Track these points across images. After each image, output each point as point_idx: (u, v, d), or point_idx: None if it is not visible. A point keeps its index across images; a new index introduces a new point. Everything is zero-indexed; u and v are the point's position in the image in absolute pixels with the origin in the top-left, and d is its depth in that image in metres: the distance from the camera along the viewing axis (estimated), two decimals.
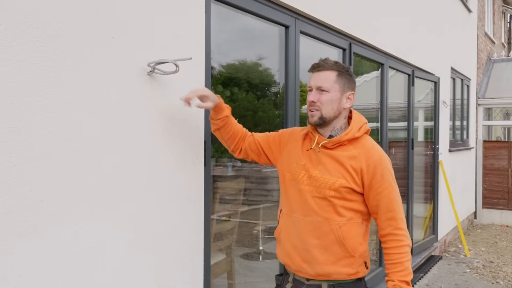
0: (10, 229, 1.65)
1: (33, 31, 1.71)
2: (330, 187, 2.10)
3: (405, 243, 2.09)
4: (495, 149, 10.22)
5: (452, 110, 8.34)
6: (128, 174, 2.10)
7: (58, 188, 1.80)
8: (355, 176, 2.10)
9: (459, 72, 8.73)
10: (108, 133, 2.00)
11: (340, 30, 4.07)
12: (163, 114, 2.28)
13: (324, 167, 2.14)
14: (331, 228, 2.10)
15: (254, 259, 4.27)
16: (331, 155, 2.15)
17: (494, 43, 13.24)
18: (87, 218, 1.92)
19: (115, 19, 2.03)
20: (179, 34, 2.36)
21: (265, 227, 4.18)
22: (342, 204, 2.10)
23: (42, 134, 1.74)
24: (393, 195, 2.11)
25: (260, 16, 3.10)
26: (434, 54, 6.95)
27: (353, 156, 2.12)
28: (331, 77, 2.12)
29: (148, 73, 2.18)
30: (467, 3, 9.18)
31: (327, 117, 2.14)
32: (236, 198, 3.93)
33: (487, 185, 10.23)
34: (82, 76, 1.89)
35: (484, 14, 11.75)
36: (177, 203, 2.37)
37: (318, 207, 2.12)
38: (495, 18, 13.65)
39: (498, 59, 12.61)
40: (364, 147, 2.16)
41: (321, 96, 2.12)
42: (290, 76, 3.41)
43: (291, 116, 3.43)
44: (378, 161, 2.11)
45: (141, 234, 2.17)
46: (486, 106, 11.29)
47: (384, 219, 2.11)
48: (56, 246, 1.80)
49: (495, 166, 10.17)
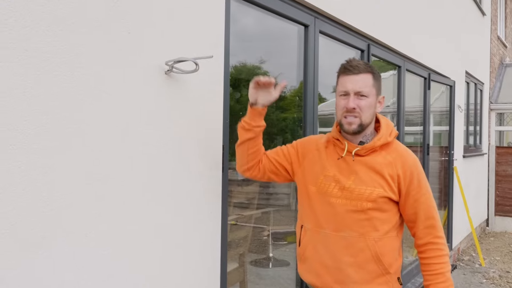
0: (16, 242, 1.50)
1: (46, 24, 1.56)
2: (367, 199, 1.93)
3: (445, 252, 1.97)
4: (508, 155, 10.02)
5: (466, 115, 8.17)
6: (144, 181, 1.95)
7: (70, 195, 1.66)
8: (392, 184, 1.96)
9: (473, 76, 8.56)
10: (123, 136, 1.86)
11: (359, 31, 3.92)
12: (181, 117, 2.13)
13: (357, 177, 1.97)
14: (367, 244, 1.94)
15: (264, 266, 4.12)
16: (365, 162, 1.99)
17: (506, 47, 13.05)
18: (99, 228, 1.77)
19: (132, 13, 1.88)
20: (198, 31, 2.22)
21: (268, 232, 4.03)
22: (379, 216, 1.95)
23: (53, 136, 1.60)
24: (430, 201, 1.99)
25: (280, 14, 2.96)
26: (450, 57, 6.78)
27: (389, 162, 1.98)
28: (369, 80, 1.96)
29: (166, 72, 2.03)
30: (481, 6, 9.01)
31: (365, 124, 1.99)
32: (250, 203, 3.79)
33: (499, 192, 10.03)
34: (96, 75, 1.74)
35: (496, 18, 11.57)
36: (195, 210, 2.22)
37: (352, 221, 1.95)
38: (507, 21, 13.46)
39: (510, 64, 12.42)
40: (398, 152, 2.02)
41: (361, 101, 1.95)
42: (309, 77, 3.25)
43: (310, 119, 3.28)
44: (414, 166, 1.99)
45: (158, 242, 2.02)
46: (498, 111, 11.10)
47: (422, 228, 1.98)
48: (66, 259, 1.65)
49: (508, 173, 9.97)
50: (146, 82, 1.95)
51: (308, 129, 3.26)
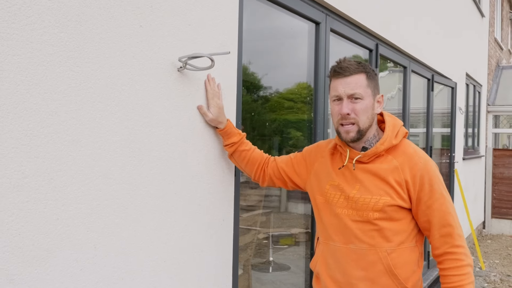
0: (19, 255, 1.34)
1: (52, 13, 1.41)
2: (373, 208, 1.77)
3: (465, 262, 1.75)
4: (505, 158, 9.97)
5: (465, 117, 8.09)
6: (153, 186, 1.80)
7: (76, 203, 1.50)
8: (400, 190, 1.78)
9: (473, 78, 8.48)
10: (133, 139, 1.70)
11: (369, 30, 3.79)
12: (193, 117, 1.98)
13: (362, 185, 1.82)
14: (379, 256, 1.78)
15: (264, 271, 3.98)
16: (369, 169, 1.82)
17: (502, 49, 13.02)
18: (107, 239, 1.61)
19: (143, 5, 1.73)
20: (211, 27, 2.07)
21: (266, 235, 3.89)
22: (390, 226, 1.78)
23: (59, 139, 1.44)
24: (446, 207, 1.77)
25: (292, 11, 2.82)
26: (452, 58, 6.69)
27: (395, 167, 1.80)
28: (362, 81, 1.79)
29: (179, 69, 1.88)
30: (480, 7, 8.94)
31: (365, 129, 1.81)
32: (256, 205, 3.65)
33: (496, 194, 9.97)
34: (105, 71, 1.59)
35: (494, 20, 11.53)
36: (207, 216, 2.07)
37: (361, 232, 1.80)
38: (503, 24, 13.44)
39: (507, 66, 12.39)
40: (405, 154, 1.82)
41: (355, 105, 1.78)
42: (320, 76, 3.12)
43: (320, 121, 3.14)
44: (424, 169, 1.78)
45: (169, 251, 1.87)
46: (495, 113, 11.06)
47: (438, 237, 1.78)
48: (73, 273, 1.50)
49: (505, 175, 9.92)
50: (158, 79, 1.80)
51: (319, 129, 3.12)
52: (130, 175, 1.69)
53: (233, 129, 2.10)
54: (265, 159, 2.15)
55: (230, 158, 2.18)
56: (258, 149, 2.17)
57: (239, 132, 2.12)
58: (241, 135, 2.12)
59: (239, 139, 2.11)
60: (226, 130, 2.08)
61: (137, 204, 1.73)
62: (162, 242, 1.84)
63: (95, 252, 1.57)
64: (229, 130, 2.09)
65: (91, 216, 1.55)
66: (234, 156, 2.15)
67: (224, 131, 2.08)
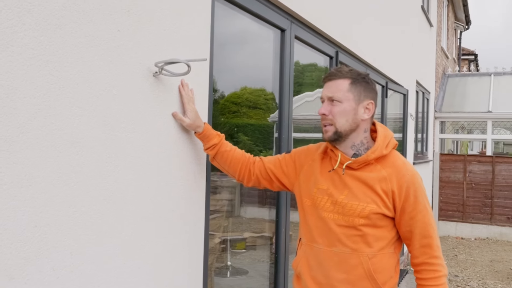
0: None
1: (33, 16, 1.38)
2: (359, 214, 1.83)
3: (442, 273, 1.85)
4: (451, 162, 10.40)
5: (415, 123, 8.39)
6: (129, 192, 1.78)
7: (53, 210, 1.47)
8: (386, 200, 1.84)
9: (422, 85, 8.81)
10: (109, 144, 1.68)
11: (330, 37, 3.89)
12: (168, 123, 1.98)
13: (350, 191, 1.87)
14: (360, 260, 1.85)
15: (222, 275, 3.99)
16: (358, 177, 1.88)
17: (448, 58, 13.59)
18: (84, 246, 1.59)
19: (121, 9, 1.72)
20: (185, 32, 2.07)
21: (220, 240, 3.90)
22: (373, 232, 1.85)
23: (38, 145, 1.41)
24: (427, 219, 1.85)
25: (259, 17, 2.85)
26: (403, 66, 6.93)
27: (383, 177, 1.86)
28: (344, 85, 1.87)
29: (154, 74, 1.87)
30: (429, 18, 9.31)
31: (343, 131, 1.87)
32: (219, 210, 3.64)
33: (443, 198, 10.39)
34: (84, 76, 1.56)
35: (440, 29, 12.02)
36: (179, 220, 2.07)
37: (345, 236, 1.86)
38: (449, 34, 14.03)
39: (452, 74, 12.93)
40: (394, 166, 1.89)
41: (333, 107, 1.86)
42: (285, 82, 3.17)
43: (285, 126, 3.19)
44: (411, 181, 1.85)
45: (144, 257, 1.86)
46: (441, 119, 11.52)
47: (418, 247, 1.86)
48: (50, 281, 1.46)
49: (451, 179, 10.35)
50: (134, 84, 1.78)
51: (284, 134, 3.17)
52: (107, 181, 1.67)
53: (211, 131, 2.12)
54: (248, 159, 2.17)
55: (212, 161, 2.20)
56: (238, 149, 2.19)
57: (218, 134, 2.14)
58: (220, 136, 2.14)
59: (219, 140, 2.13)
60: (205, 133, 2.09)
61: (113, 210, 1.71)
62: (137, 248, 1.83)
63: (71, 260, 1.54)
64: (208, 133, 2.10)
65: (68, 223, 1.52)
66: (216, 159, 2.16)
67: (203, 134, 2.09)
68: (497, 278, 6.70)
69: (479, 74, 12.76)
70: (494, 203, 9.89)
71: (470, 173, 10.15)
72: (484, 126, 11.48)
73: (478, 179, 10.07)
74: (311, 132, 4.31)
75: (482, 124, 11.50)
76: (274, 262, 3.32)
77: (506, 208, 9.80)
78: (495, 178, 9.92)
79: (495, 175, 9.91)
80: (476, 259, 7.85)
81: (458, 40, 16.88)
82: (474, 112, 11.15)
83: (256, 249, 3.83)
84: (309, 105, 4.17)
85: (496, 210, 9.86)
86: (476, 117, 11.19)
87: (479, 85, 12.12)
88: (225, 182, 3.34)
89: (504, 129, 12.02)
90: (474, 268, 7.26)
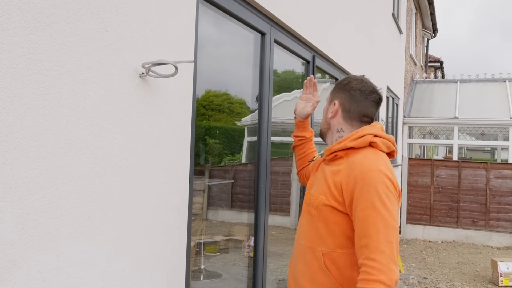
0: None
1: (23, 14, 1.35)
2: (313, 204, 1.86)
3: (375, 277, 1.59)
4: (419, 166, 10.60)
5: (385, 128, 8.53)
6: (115, 194, 1.76)
7: (41, 212, 1.44)
8: (335, 192, 1.78)
9: (392, 91, 8.98)
10: (97, 145, 1.66)
11: (308, 42, 3.93)
12: (154, 124, 1.97)
13: (315, 184, 1.95)
14: (315, 255, 1.83)
15: (196, 279, 3.97)
16: (323, 169, 1.94)
17: (416, 64, 13.89)
18: (70, 249, 1.56)
19: (109, 8, 1.70)
20: (171, 33, 2.06)
21: (195, 243, 3.89)
22: (325, 227, 1.81)
23: (26, 145, 1.38)
24: (372, 218, 1.66)
25: (241, 21, 2.86)
26: (375, 72, 7.05)
27: (338, 170, 1.82)
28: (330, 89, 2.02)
29: (141, 75, 1.86)
30: (399, 25, 9.50)
31: (321, 129, 2.09)
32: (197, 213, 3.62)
33: (411, 201, 10.57)
34: (72, 75, 1.54)
35: (409, 37, 12.27)
36: (164, 222, 2.05)
37: (304, 229, 1.92)
38: (417, 41, 14.34)
39: (420, 81, 13.22)
40: (353, 160, 1.80)
41: None
42: (264, 86, 3.18)
43: (264, 129, 3.21)
44: (359, 176, 1.72)
45: (128, 260, 1.83)
46: (410, 124, 11.75)
47: (358, 247, 1.69)
48: (36, 284, 1.43)
49: (419, 183, 10.54)
50: (121, 85, 1.76)
51: (263, 137, 3.18)
52: (93, 182, 1.65)
53: (309, 125, 2.39)
54: None
55: (293, 148, 2.45)
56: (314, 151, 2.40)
57: (311, 130, 2.39)
58: (312, 133, 2.40)
59: (310, 136, 2.39)
60: (304, 123, 2.38)
61: (100, 212, 1.68)
62: (122, 250, 1.81)
63: (58, 262, 1.51)
64: (306, 124, 2.37)
65: (55, 225, 1.49)
66: (295, 149, 2.42)
67: (303, 123, 2.37)
68: (464, 280, 6.86)
69: (445, 81, 13.08)
70: (460, 207, 10.13)
71: (437, 177, 10.37)
72: (450, 131, 11.77)
73: (445, 183, 10.30)
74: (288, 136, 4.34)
75: (449, 129, 11.79)
76: (252, 265, 3.32)
77: (471, 211, 10.06)
78: (461, 183, 10.16)
79: (461, 180, 10.16)
80: (443, 262, 8.03)
81: (425, 47, 17.28)
82: (442, 118, 11.41)
83: (228, 252, 3.83)
84: (288, 105, 4.20)
85: (462, 213, 10.11)
86: (444, 123, 11.46)
87: (446, 92, 12.43)
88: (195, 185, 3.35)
89: (469, 135, 12.34)
90: (442, 270, 7.42)
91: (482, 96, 11.94)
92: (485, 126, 11.24)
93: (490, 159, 20.23)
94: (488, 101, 11.62)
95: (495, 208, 9.87)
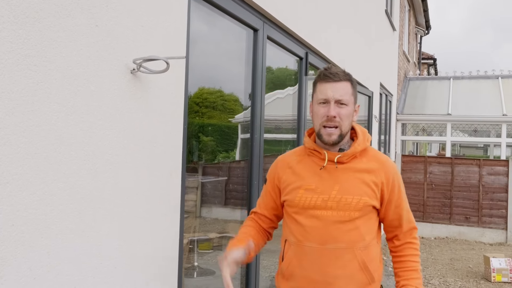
0: None
1: (11, 9, 1.34)
2: (355, 208, 1.86)
3: (419, 252, 2.00)
4: (412, 163, 10.63)
5: (379, 125, 8.55)
6: (106, 191, 1.75)
7: (31, 208, 1.43)
8: (376, 191, 1.89)
9: (386, 88, 8.99)
10: (87, 141, 1.65)
11: (301, 39, 3.92)
12: (144, 120, 1.95)
13: (342, 186, 1.88)
14: (354, 254, 1.87)
15: (189, 276, 3.96)
16: (348, 170, 1.90)
17: (409, 61, 13.92)
18: (61, 246, 1.55)
19: (99, 3, 1.69)
20: (162, 29, 2.05)
21: (188, 241, 3.88)
22: (365, 225, 1.89)
23: (16, 141, 1.37)
24: (408, 206, 2.01)
25: (233, 17, 2.85)
26: (369, 69, 7.06)
27: (371, 169, 1.91)
28: (348, 88, 1.88)
29: (132, 71, 1.84)
30: (392, 22, 9.51)
31: (345, 134, 1.90)
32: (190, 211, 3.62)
33: None
34: (62, 71, 1.53)
35: (402, 34, 12.29)
36: (156, 220, 2.04)
37: (340, 232, 1.87)
38: (410, 38, 14.37)
39: (413, 77, 13.25)
40: (378, 159, 1.95)
41: (341, 110, 1.86)
42: (257, 82, 3.18)
43: (257, 126, 3.20)
44: (395, 173, 1.95)
45: (120, 257, 1.82)
46: (403, 121, 11.78)
47: (406, 230, 1.99)
48: (26, 282, 1.42)
49: (412, 180, 10.58)
50: (112, 81, 1.75)
51: (256, 134, 3.18)
52: (84, 179, 1.64)
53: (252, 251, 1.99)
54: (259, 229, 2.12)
55: None
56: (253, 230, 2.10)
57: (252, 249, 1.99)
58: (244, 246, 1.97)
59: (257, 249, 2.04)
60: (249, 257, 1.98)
61: (91, 209, 1.67)
62: (114, 248, 1.80)
63: (48, 259, 1.50)
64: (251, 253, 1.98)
65: (45, 222, 1.48)
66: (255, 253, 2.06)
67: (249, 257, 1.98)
68: (457, 276, 6.90)
69: (439, 78, 13.12)
70: (453, 203, 10.17)
71: (430, 174, 10.41)
72: (443, 128, 11.81)
73: (438, 180, 10.34)
74: (283, 133, 4.34)
75: (442, 126, 11.83)
76: None
77: (464, 208, 10.11)
78: (454, 179, 10.20)
79: (454, 176, 10.20)
80: (436, 258, 8.06)
81: (418, 44, 17.32)
82: (435, 115, 11.45)
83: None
84: (281, 102, 4.20)
85: (455, 210, 10.15)
86: (437, 120, 11.49)
87: (439, 89, 12.47)
88: (189, 182, 3.34)
89: (462, 132, 12.39)
90: (435, 266, 7.45)
91: (475, 93, 11.98)
92: (478, 123, 11.28)
93: (483, 155, 20.34)
94: (481, 98, 11.66)
95: (488, 205, 9.92)
